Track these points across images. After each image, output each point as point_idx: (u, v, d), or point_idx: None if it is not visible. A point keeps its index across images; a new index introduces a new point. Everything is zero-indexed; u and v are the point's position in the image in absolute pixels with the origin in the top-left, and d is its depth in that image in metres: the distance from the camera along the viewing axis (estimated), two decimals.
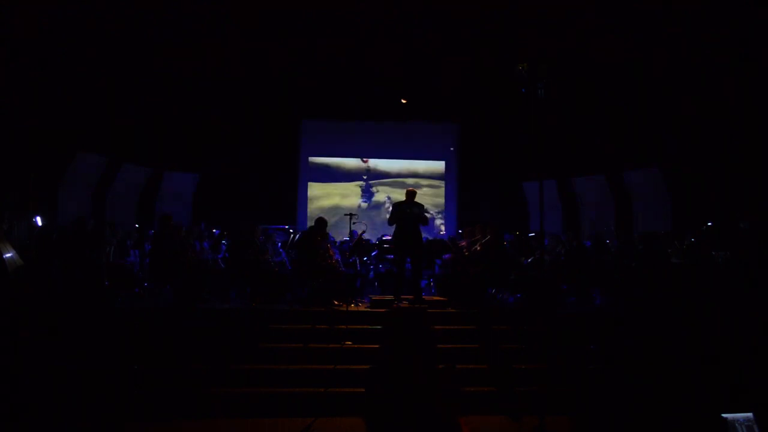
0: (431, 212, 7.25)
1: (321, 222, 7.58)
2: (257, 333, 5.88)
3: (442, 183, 13.72)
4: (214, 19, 9.06)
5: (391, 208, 7.28)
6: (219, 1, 8.63)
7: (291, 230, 10.66)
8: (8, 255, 7.32)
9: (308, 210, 13.41)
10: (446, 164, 13.76)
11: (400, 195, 10.07)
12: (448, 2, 8.63)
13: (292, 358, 5.49)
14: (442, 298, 7.35)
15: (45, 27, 8.93)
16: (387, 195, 13.47)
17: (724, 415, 3.21)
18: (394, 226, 7.19)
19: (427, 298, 7.73)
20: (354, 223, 8.08)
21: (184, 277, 7.45)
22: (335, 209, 13.12)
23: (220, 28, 9.33)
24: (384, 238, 8.82)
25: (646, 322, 6.45)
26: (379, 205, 13.45)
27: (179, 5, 8.65)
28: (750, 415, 3.19)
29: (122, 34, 9.41)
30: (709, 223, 9.32)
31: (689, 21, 8.76)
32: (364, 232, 8.91)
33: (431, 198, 13.51)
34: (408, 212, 7.04)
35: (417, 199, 7.27)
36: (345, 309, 6.47)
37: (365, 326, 6.05)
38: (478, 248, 7.56)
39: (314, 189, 13.59)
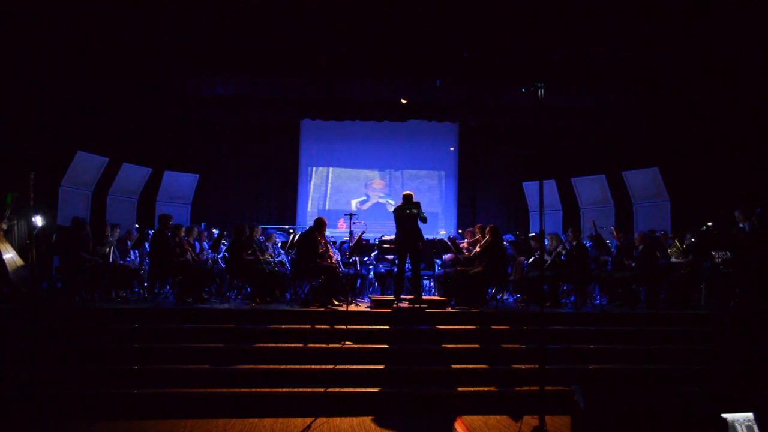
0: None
1: (320, 222, 7.59)
2: (257, 333, 5.88)
3: (441, 183, 13.72)
4: (214, 19, 9.06)
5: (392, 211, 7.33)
6: (219, 1, 8.63)
7: (291, 230, 10.65)
8: (8, 255, 7.35)
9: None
10: (446, 164, 13.76)
11: (397, 196, 10.15)
12: (448, 2, 8.63)
13: (292, 358, 5.49)
14: (442, 298, 7.35)
15: (46, 27, 8.94)
16: (386, 196, 13.48)
17: (724, 415, 3.21)
18: (395, 226, 7.24)
19: (427, 298, 7.74)
20: (354, 223, 8.09)
21: (184, 277, 7.45)
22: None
23: (220, 28, 9.33)
24: (384, 238, 8.82)
25: (647, 321, 6.44)
26: (379, 205, 13.46)
27: (180, 6, 8.66)
28: (750, 415, 3.19)
29: (122, 34, 9.42)
30: (709, 223, 9.33)
31: (690, 22, 8.77)
32: (364, 232, 8.91)
33: (431, 197, 13.53)
34: (407, 213, 7.06)
35: (415, 200, 7.29)
36: (345, 309, 6.46)
37: (365, 326, 6.05)
38: (478, 249, 7.56)
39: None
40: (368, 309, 6.70)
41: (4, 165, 8.97)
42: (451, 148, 13.73)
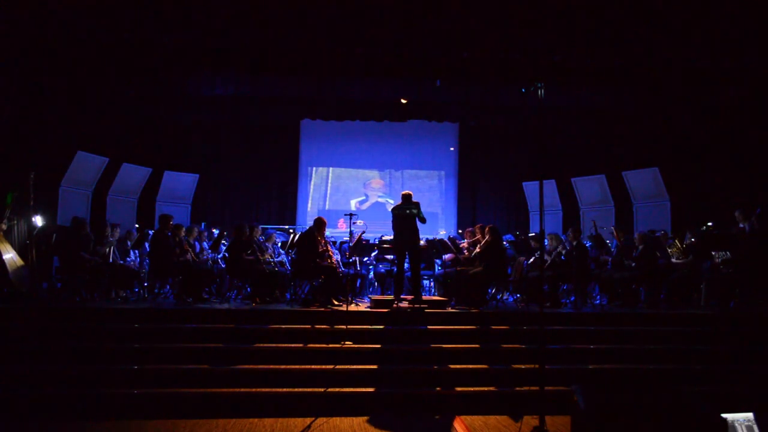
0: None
1: (320, 222, 7.59)
2: (257, 333, 5.88)
3: (441, 183, 13.73)
4: (214, 19, 9.05)
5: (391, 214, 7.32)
6: (219, 1, 8.63)
7: (291, 230, 10.66)
8: (8, 255, 7.35)
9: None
10: (446, 164, 13.76)
11: (397, 195, 10.17)
12: (449, 3, 8.63)
13: (292, 358, 5.49)
14: (442, 298, 7.35)
15: (46, 27, 8.94)
16: (385, 195, 13.48)
17: (724, 415, 3.20)
18: (392, 225, 7.24)
19: (427, 298, 7.73)
20: (353, 223, 8.10)
21: (184, 277, 7.45)
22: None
23: (220, 28, 9.33)
24: (384, 238, 8.83)
25: (647, 321, 6.44)
26: (378, 205, 13.47)
27: (179, 6, 8.65)
28: (750, 415, 3.19)
29: (122, 35, 9.41)
30: (709, 223, 9.33)
31: (690, 21, 8.77)
32: (364, 232, 8.92)
33: (431, 198, 13.53)
34: (407, 213, 7.06)
35: (414, 200, 7.29)
36: (345, 309, 6.46)
37: (365, 326, 6.05)
38: (478, 249, 7.57)
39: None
40: (368, 309, 6.70)
41: (4, 165, 8.97)
42: (451, 148, 13.74)
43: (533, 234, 8.82)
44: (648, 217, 11.04)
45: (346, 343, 5.77)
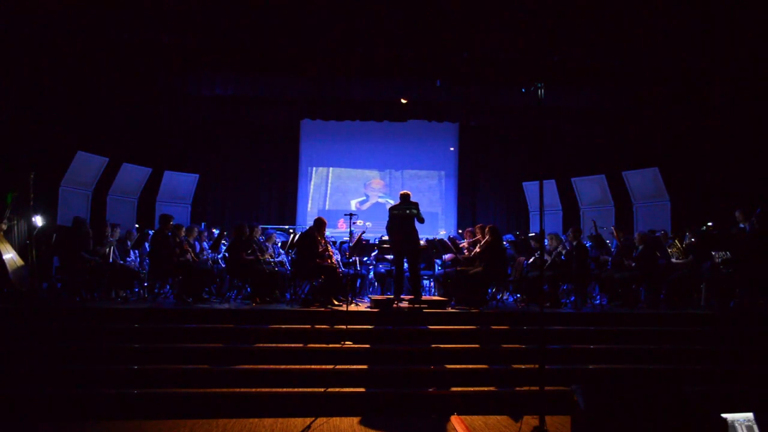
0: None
1: (320, 222, 7.59)
2: (257, 333, 5.88)
3: (441, 183, 13.72)
4: (214, 19, 9.05)
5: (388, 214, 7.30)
6: (218, 1, 8.63)
7: (291, 230, 10.66)
8: (8, 255, 7.35)
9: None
10: (446, 164, 13.76)
11: (397, 195, 10.14)
12: (449, 3, 8.63)
13: (292, 358, 5.49)
14: (442, 298, 7.35)
15: (46, 27, 8.94)
16: (385, 195, 13.48)
17: (724, 415, 3.20)
18: (389, 225, 7.23)
19: (427, 298, 7.73)
20: (353, 223, 8.10)
21: (184, 277, 7.45)
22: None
23: (220, 28, 9.33)
24: (384, 238, 8.83)
25: (647, 321, 6.44)
26: (378, 205, 13.46)
27: (179, 6, 8.66)
28: (750, 415, 3.19)
29: (122, 34, 9.42)
30: (709, 223, 9.33)
31: (690, 21, 8.77)
32: (364, 232, 8.92)
33: (431, 197, 13.53)
34: (407, 213, 7.05)
35: (413, 200, 7.28)
36: (345, 309, 6.46)
37: (365, 326, 6.05)
38: (478, 249, 7.57)
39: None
40: (368, 309, 6.70)
41: (4, 165, 8.97)
42: (451, 148, 13.74)
43: (533, 234, 8.81)
44: (648, 217, 11.04)
45: (346, 343, 5.77)
